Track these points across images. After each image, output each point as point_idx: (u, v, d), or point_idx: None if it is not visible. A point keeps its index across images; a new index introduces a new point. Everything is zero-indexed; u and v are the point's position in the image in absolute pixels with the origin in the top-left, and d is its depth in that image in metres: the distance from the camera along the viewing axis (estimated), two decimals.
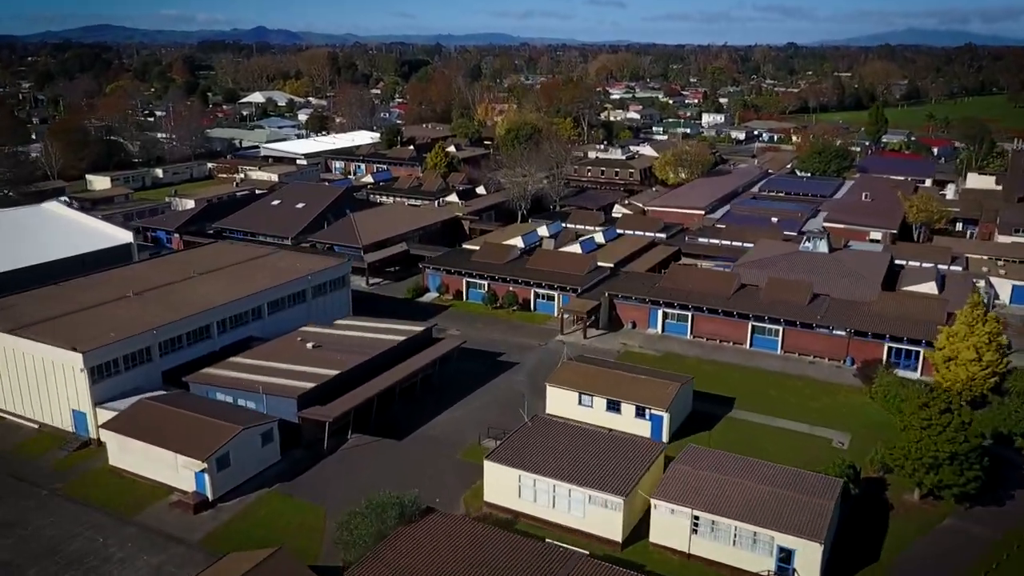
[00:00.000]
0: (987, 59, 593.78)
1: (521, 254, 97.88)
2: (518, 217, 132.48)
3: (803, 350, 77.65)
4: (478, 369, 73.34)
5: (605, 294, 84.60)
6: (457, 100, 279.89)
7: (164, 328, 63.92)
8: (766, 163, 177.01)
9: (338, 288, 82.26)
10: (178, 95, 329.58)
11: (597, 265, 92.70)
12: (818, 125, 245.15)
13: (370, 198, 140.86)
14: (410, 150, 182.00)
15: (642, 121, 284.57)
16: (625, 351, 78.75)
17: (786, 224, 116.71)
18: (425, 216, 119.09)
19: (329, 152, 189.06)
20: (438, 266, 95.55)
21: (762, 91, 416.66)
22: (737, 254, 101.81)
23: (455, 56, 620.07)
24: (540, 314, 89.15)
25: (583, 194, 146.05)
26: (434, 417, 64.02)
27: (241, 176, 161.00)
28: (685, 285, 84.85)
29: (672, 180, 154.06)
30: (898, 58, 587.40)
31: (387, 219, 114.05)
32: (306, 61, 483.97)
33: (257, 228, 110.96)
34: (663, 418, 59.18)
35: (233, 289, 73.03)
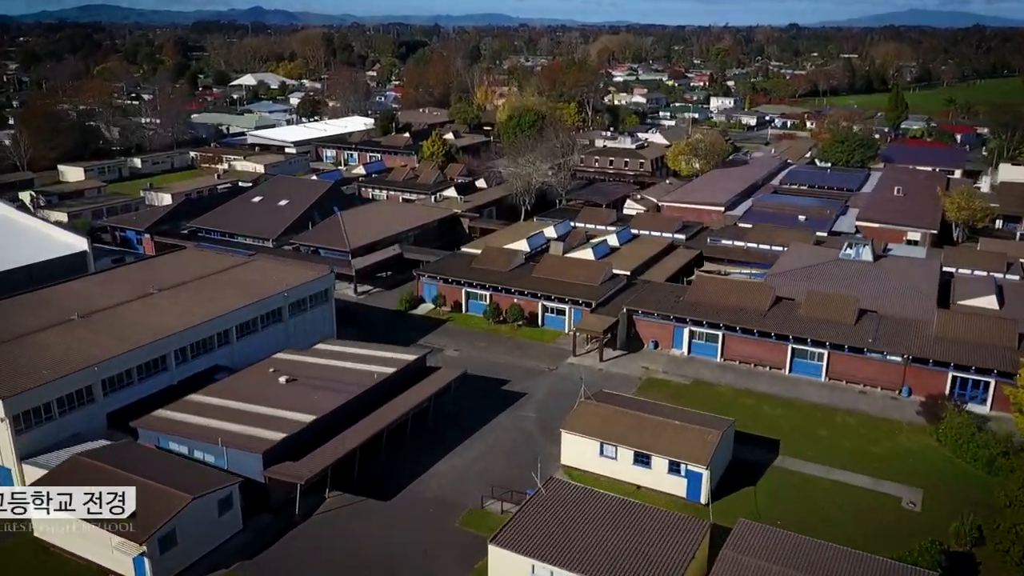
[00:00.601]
0: (995, 40, 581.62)
1: (526, 260, 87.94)
2: (521, 214, 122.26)
3: (851, 377, 67.85)
4: (479, 402, 63.53)
5: (623, 309, 74.68)
6: (455, 83, 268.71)
7: (109, 363, 53.98)
8: (783, 152, 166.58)
9: (320, 303, 72.30)
10: (166, 78, 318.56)
11: (612, 273, 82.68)
12: (833, 111, 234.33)
13: (361, 192, 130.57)
14: (406, 138, 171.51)
15: (648, 105, 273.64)
16: (647, 378, 68.94)
17: (815, 223, 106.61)
18: (420, 214, 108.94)
19: (320, 140, 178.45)
20: (434, 274, 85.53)
21: (769, 74, 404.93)
22: (765, 259, 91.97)
23: (454, 37, 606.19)
24: (549, 330, 79.27)
25: (591, 187, 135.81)
26: (428, 468, 54.22)
27: (224, 167, 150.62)
28: (713, 299, 74.93)
29: (686, 171, 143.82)
30: (903, 39, 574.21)
31: (378, 218, 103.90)
32: (301, 42, 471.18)
33: (236, 228, 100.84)
34: (702, 476, 49.46)
35: (197, 310, 63.05)
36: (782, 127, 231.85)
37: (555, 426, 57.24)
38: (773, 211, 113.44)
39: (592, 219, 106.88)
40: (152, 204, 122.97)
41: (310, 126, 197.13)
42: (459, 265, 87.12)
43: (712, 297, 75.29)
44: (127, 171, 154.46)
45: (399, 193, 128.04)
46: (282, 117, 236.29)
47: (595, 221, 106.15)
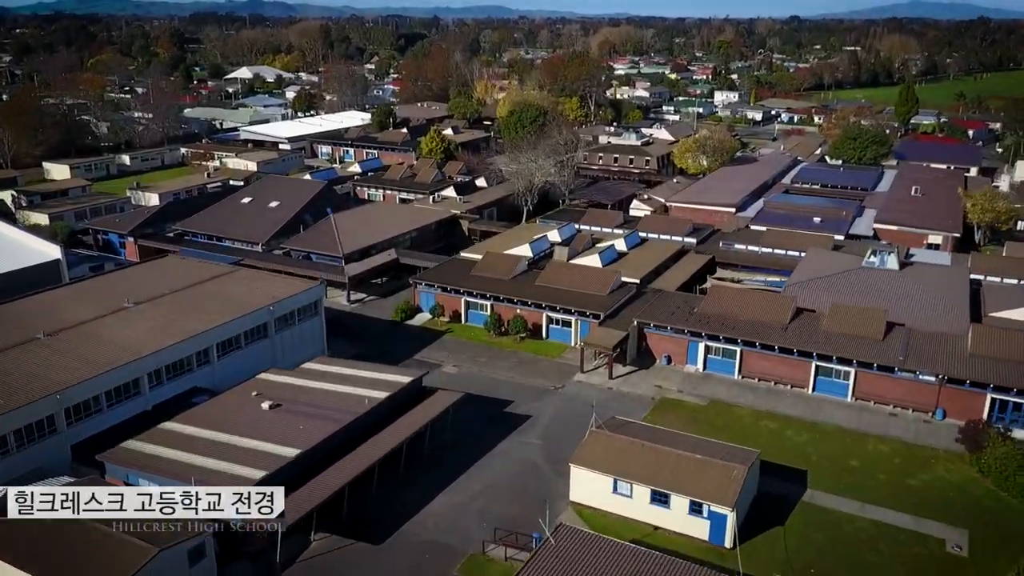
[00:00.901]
0: (999, 33, 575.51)
1: (529, 266, 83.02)
2: (523, 215, 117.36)
3: (880, 398, 63.04)
4: (480, 426, 58.72)
5: (633, 322, 69.82)
6: (455, 77, 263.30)
7: (73, 389, 49.18)
8: (792, 149, 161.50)
9: (309, 317, 67.48)
10: (159, 71, 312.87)
11: (621, 281, 77.77)
12: (841, 106, 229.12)
13: (356, 192, 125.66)
14: (403, 133, 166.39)
15: (652, 100, 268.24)
16: (661, 398, 64.13)
17: (831, 225, 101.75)
18: (418, 216, 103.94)
19: (315, 135, 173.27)
20: (432, 283, 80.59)
21: (773, 67, 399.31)
22: (782, 265, 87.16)
23: (453, 29, 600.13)
24: (554, 343, 74.40)
25: (595, 186, 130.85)
26: (423, 505, 49.37)
27: (216, 164, 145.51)
28: (730, 311, 70.07)
29: (693, 169, 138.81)
30: (906, 32, 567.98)
31: (374, 220, 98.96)
32: (298, 35, 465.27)
33: (224, 231, 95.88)
34: (727, 518, 44.69)
35: (174, 326, 58.23)
36: (789, 122, 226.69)
37: (562, 455, 52.61)
38: (786, 212, 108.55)
39: (598, 221, 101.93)
40: (139, 204, 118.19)
41: (305, 121, 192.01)
42: (458, 272, 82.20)
43: (728, 309, 70.44)
44: (115, 168, 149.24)
45: (396, 193, 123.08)
46: (277, 112, 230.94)
47: (601, 223, 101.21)
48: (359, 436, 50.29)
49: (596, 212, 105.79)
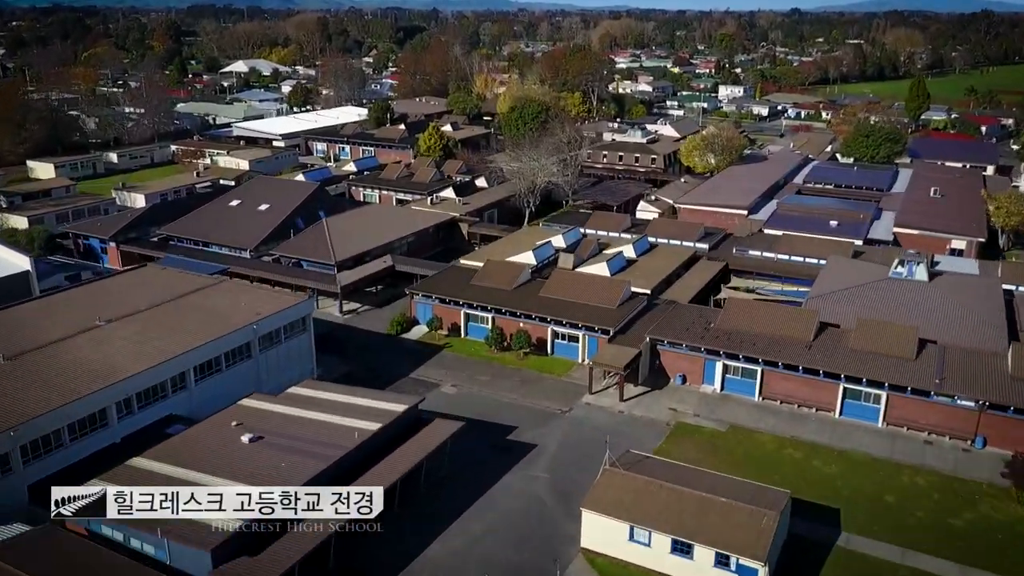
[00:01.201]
0: (1003, 26, 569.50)
1: (533, 275, 78.23)
2: (525, 217, 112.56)
3: (914, 424, 58.36)
4: (481, 456, 54.03)
5: (646, 339, 65.06)
6: (454, 71, 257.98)
7: (30, 424, 44.43)
8: (802, 147, 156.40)
9: (297, 334, 62.67)
10: (153, 64, 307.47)
11: (631, 292, 72.96)
12: (848, 100, 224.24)
13: (351, 192, 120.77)
14: (401, 130, 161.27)
15: (655, 94, 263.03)
16: (677, 422, 59.42)
17: (848, 229, 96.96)
18: (415, 219, 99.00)
19: (310, 132, 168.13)
20: (429, 293, 75.74)
21: (776, 60, 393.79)
22: (800, 273, 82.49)
23: (452, 22, 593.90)
24: (560, 360, 69.64)
25: (600, 186, 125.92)
26: (419, 551, 44.65)
27: (206, 163, 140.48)
28: (749, 325, 65.32)
29: (700, 168, 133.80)
30: (908, 24, 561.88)
31: (368, 224, 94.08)
32: (295, 27, 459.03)
33: (211, 236, 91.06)
34: (757, 573, 39.98)
35: (149, 347, 53.47)
36: (796, 118, 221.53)
37: (571, 490, 48.16)
38: (800, 215, 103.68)
39: (604, 225, 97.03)
40: (124, 205, 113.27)
41: (300, 117, 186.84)
42: (457, 282, 77.35)
43: (747, 324, 65.68)
44: (102, 167, 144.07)
45: (392, 193, 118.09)
46: (273, 107, 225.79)
47: (607, 227, 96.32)
48: (349, 473, 45.50)
49: (602, 215, 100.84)
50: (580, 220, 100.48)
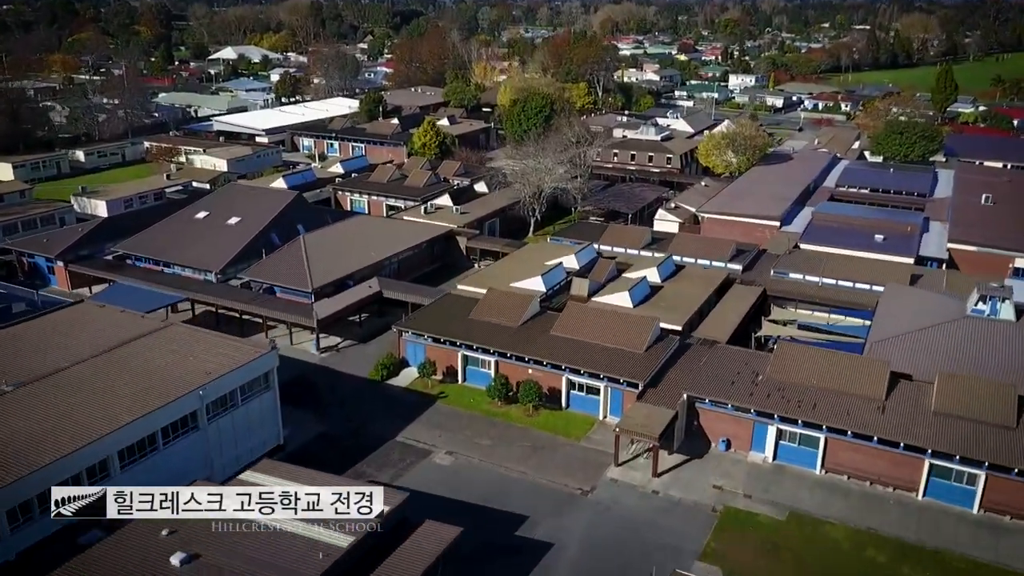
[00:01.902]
0: (1013, 12, 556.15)
1: (542, 305, 66.93)
2: (530, 227, 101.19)
3: (1020, 511, 47.21)
4: (482, 566, 42.73)
5: (683, 396, 53.81)
6: (451, 58, 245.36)
7: None
8: (827, 143, 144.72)
9: (258, 394, 51.34)
10: (137, 51, 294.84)
11: (660, 330, 61.55)
12: (869, 92, 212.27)
13: (337, 198, 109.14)
14: (393, 124, 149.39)
15: (662, 84, 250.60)
16: (724, 507, 48.15)
17: (896, 244, 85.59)
18: (407, 233, 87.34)
19: (296, 127, 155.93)
20: (420, 332, 64.29)
21: (785, 47, 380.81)
22: (851, 302, 71.34)
23: (451, 6, 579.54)
24: (576, 416, 58.35)
25: (611, 190, 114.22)
26: None
27: (182, 160, 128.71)
28: (805, 378, 54.10)
29: (720, 169, 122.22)
30: (913, 9, 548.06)
31: (353, 240, 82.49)
32: (288, 12, 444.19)
33: (172, 255, 79.59)
34: None
35: (64, 426, 42.15)
36: (813, 109, 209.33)
37: None
38: (839, 227, 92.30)
39: (621, 240, 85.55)
40: (85, 213, 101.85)
41: (287, 110, 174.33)
42: (453, 314, 65.90)
43: (803, 375, 54.43)
44: (67, 166, 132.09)
45: (383, 199, 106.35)
46: (260, 97, 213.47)
47: (625, 243, 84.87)
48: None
49: (619, 229, 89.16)
50: (593, 233, 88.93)
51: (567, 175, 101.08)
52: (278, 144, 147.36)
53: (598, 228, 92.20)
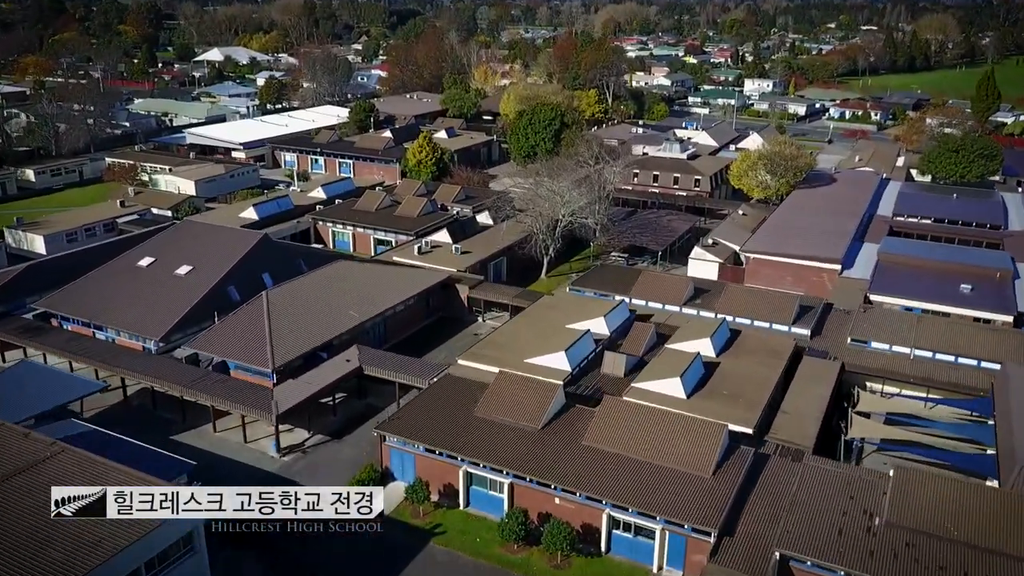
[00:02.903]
0: (1022, 12, 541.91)
1: (568, 395, 51.75)
2: (543, 267, 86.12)
3: None
4: None
5: (774, 556, 38.62)
6: (449, 61, 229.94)
7: None
8: (867, 160, 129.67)
9: (179, 561, 36.09)
10: (118, 52, 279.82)
11: (729, 439, 46.29)
12: (900, 100, 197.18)
13: (317, 229, 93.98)
14: (386, 138, 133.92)
15: (674, 89, 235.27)
16: None
17: (988, 297, 70.86)
18: (396, 282, 71.93)
19: (278, 140, 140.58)
20: (408, 439, 48.93)
21: (796, 48, 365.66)
22: (957, 384, 56.19)
23: (448, 5, 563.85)
24: (622, 565, 43.11)
25: (635, 219, 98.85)
26: None
27: (145, 179, 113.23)
28: (936, 519, 39.08)
29: (757, 193, 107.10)
30: (921, 10, 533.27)
31: (330, 296, 67.06)
32: (280, 11, 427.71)
33: (106, 315, 64.35)
34: None
35: None
36: (840, 118, 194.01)
37: None
38: (912, 271, 77.62)
39: (657, 292, 70.32)
40: (21, 249, 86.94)
41: (269, 120, 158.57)
42: (454, 408, 50.70)
43: (932, 516, 39.42)
44: (14, 187, 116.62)
45: (371, 232, 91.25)
46: (243, 103, 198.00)
47: (663, 296, 69.69)
48: None
49: (653, 278, 73.62)
50: (620, 281, 73.62)
51: (587, 203, 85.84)
52: (256, 161, 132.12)
53: (626, 274, 76.91)
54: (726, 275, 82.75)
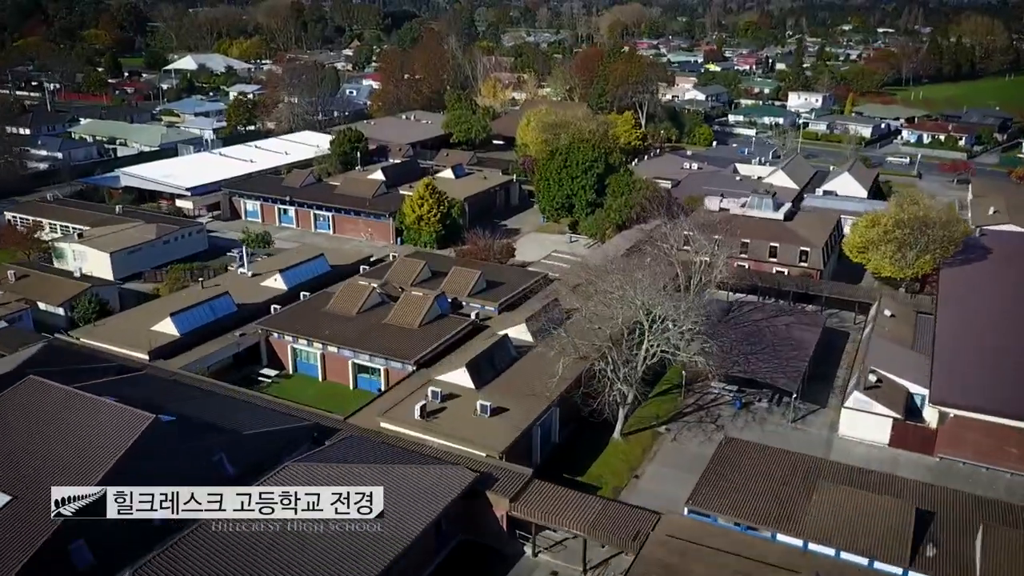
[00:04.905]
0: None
1: None
2: (616, 425, 55.27)
3: None
4: None
5: None
6: (450, 71, 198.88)
7: None
8: (1004, 209, 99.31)
9: None
10: (79, 60, 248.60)
11: None
12: (982, 119, 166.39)
13: (269, 343, 63.00)
14: (376, 182, 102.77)
15: (710, 104, 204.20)
16: None
17: None
18: (392, 500, 40.75)
19: (239, 181, 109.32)
20: None
21: (824, 55, 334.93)
22: None
23: (446, 7, 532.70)
24: None
25: (736, 323, 68.05)
26: None
27: (31, 257, 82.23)
28: None
29: (891, 273, 76.78)
30: (938, 15, 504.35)
31: (268, 557, 36.09)
32: (266, 14, 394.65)
33: None
34: None
35: None
36: (917, 143, 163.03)
37: None
38: None
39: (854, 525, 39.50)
40: None
41: (230, 153, 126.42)
42: None
43: None
44: None
45: (350, 357, 60.30)
46: (210, 123, 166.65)
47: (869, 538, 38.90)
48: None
49: (831, 495, 42.74)
50: (756, 469, 42.93)
51: (698, 324, 53.97)
52: (209, 210, 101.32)
53: (764, 456, 46.00)
54: (905, 439, 52.39)
